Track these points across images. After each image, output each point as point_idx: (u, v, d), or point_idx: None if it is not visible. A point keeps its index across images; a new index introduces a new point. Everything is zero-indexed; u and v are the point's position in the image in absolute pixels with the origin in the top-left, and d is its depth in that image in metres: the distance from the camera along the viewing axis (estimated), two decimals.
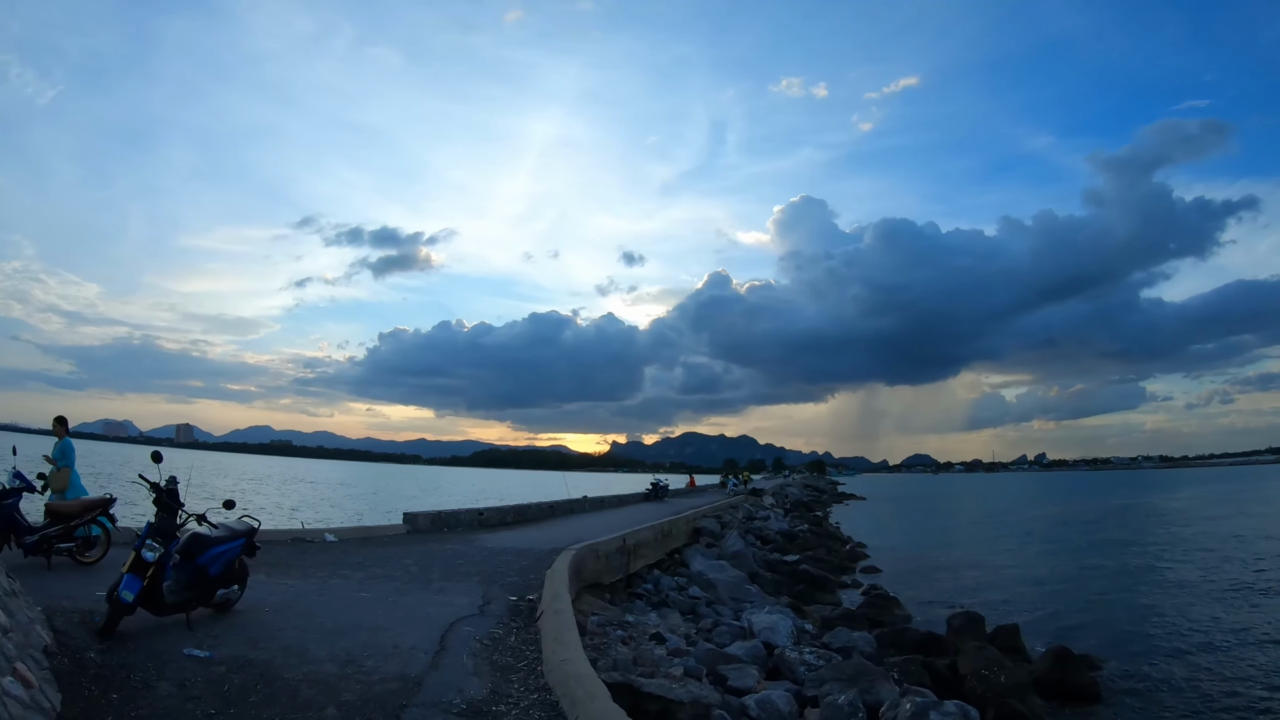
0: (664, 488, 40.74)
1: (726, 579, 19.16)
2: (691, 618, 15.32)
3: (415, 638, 7.32)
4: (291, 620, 7.65)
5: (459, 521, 18.83)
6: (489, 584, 10.67)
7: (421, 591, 9.81)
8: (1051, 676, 11.97)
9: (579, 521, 23.28)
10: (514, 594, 10.04)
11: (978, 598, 20.78)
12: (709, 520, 28.36)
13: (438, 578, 10.94)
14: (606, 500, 32.67)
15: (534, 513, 23.17)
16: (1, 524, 9.11)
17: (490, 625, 8.16)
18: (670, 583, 17.74)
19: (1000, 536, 39.64)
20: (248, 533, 7.76)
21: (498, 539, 16.65)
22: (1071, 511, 58.04)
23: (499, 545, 15.38)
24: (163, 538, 6.73)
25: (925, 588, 22.85)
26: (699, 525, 25.94)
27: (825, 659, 11.14)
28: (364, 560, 12.21)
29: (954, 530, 45.79)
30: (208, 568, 7.15)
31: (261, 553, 12.01)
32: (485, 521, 19.80)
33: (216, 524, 7.51)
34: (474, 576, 11.25)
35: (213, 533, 7.29)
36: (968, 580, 24.33)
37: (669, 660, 9.29)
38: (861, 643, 13.28)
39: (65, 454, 10.19)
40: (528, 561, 13.10)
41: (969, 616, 14.91)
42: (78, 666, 5.65)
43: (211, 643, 6.65)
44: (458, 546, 14.86)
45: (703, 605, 16.48)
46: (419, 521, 17.47)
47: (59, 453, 10.18)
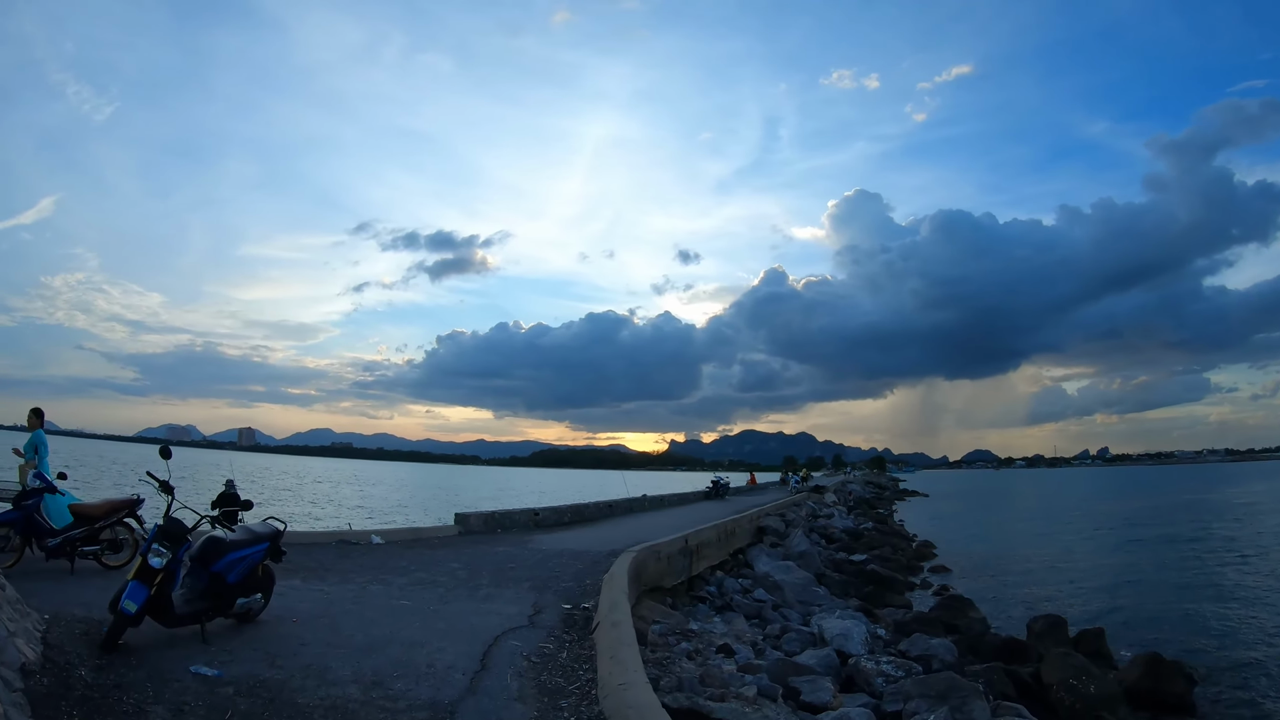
0: (725, 485, 39.64)
1: (793, 581, 18.15)
2: (757, 622, 14.41)
3: (454, 654, 6.41)
4: (319, 633, 6.83)
5: (513, 522, 18.05)
6: (541, 590, 9.76)
7: (466, 599, 8.93)
8: (1143, 686, 10.97)
9: (638, 521, 22.37)
10: (568, 601, 9.12)
11: (1052, 599, 19.88)
12: (773, 519, 27.33)
13: (486, 583, 10.07)
14: (666, 499, 31.70)
15: (592, 512, 22.31)
16: (22, 526, 8.55)
17: (540, 639, 7.23)
18: (734, 585, 16.78)
19: (1068, 534, 38.24)
20: (272, 536, 6.97)
21: (553, 540, 15.81)
22: (1139, 507, 56.07)
23: (554, 547, 14.51)
24: (172, 542, 5.96)
25: (997, 588, 21.89)
26: (763, 524, 24.94)
27: (904, 669, 10.30)
28: (409, 564, 11.43)
29: (1020, 527, 44.26)
30: (225, 575, 6.36)
31: (303, 556, 11.40)
32: (541, 522, 19.00)
33: (234, 527, 6.73)
34: (525, 582, 10.35)
35: (230, 536, 6.50)
36: (1040, 580, 23.31)
37: (739, 678, 8.26)
38: (942, 651, 12.22)
39: (37, 447, 9.57)
40: (584, 565, 12.18)
41: (1051, 620, 13.92)
42: (62, 687, 4.87)
43: (225, 659, 5.85)
44: (510, 549, 14.02)
45: (769, 609, 15.56)
46: (471, 522, 16.72)
47: (29, 446, 9.58)
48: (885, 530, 37.94)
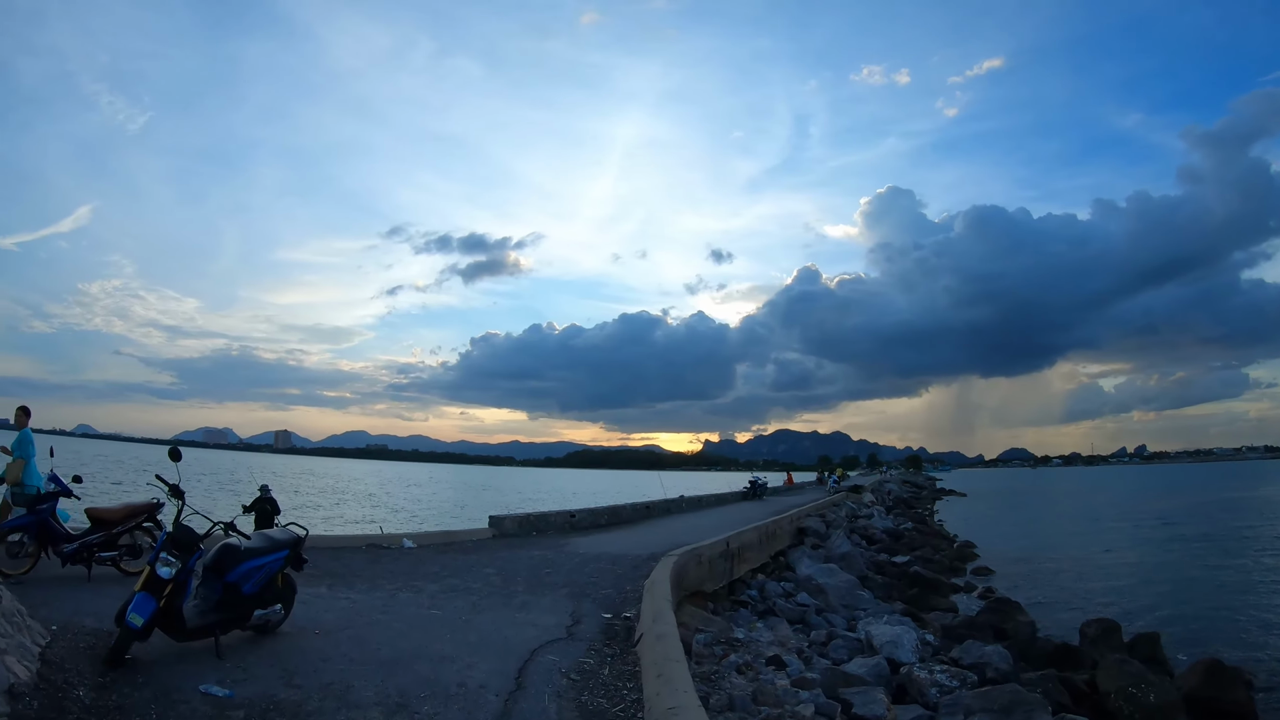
0: (762, 486, 38.99)
1: (837, 584, 17.49)
2: (801, 628, 13.83)
3: (487, 671, 5.85)
4: (342, 646, 6.31)
5: (548, 524, 17.54)
6: (579, 598, 9.18)
7: (501, 608, 8.38)
8: (1203, 694, 10.31)
9: (676, 522, 21.78)
10: (608, 610, 8.54)
11: (1099, 601, 19.31)
12: (813, 519, 26.68)
13: (521, 590, 9.51)
14: (704, 499, 31.08)
15: (629, 514, 21.75)
16: (37, 531, 8.18)
17: (579, 652, 6.64)
18: (776, 588, 16.16)
19: (1110, 534, 37.42)
20: (292, 543, 6.48)
21: (590, 543, 15.27)
22: (1179, 506, 54.86)
23: (591, 550, 13.95)
24: (181, 550, 5.49)
25: (1042, 590, 21.19)
26: (803, 525, 24.32)
27: (958, 679, 9.58)
28: (441, 569, 10.94)
29: (1061, 527, 43.22)
30: (240, 585, 5.88)
31: (331, 561, 10.97)
32: (577, 524, 18.47)
33: (249, 534, 6.23)
34: (562, 588, 9.79)
35: (246, 544, 6.01)
36: (1085, 581, 22.66)
37: (794, 694, 7.65)
38: (996, 659, 11.49)
39: (22, 445, 9.13)
40: (623, 569, 11.61)
41: (1104, 625, 13.34)
42: (55, 709, 4.40)
43: (239, 677, 5.35)
44: (546, 552, 13.49)
45: (812, 613, 14.98)
46: (505, 525, 16.23)
47: (16, 444, 9.16)
48: (925, 531, 37.25)
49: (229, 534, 6.00)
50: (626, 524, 20.48)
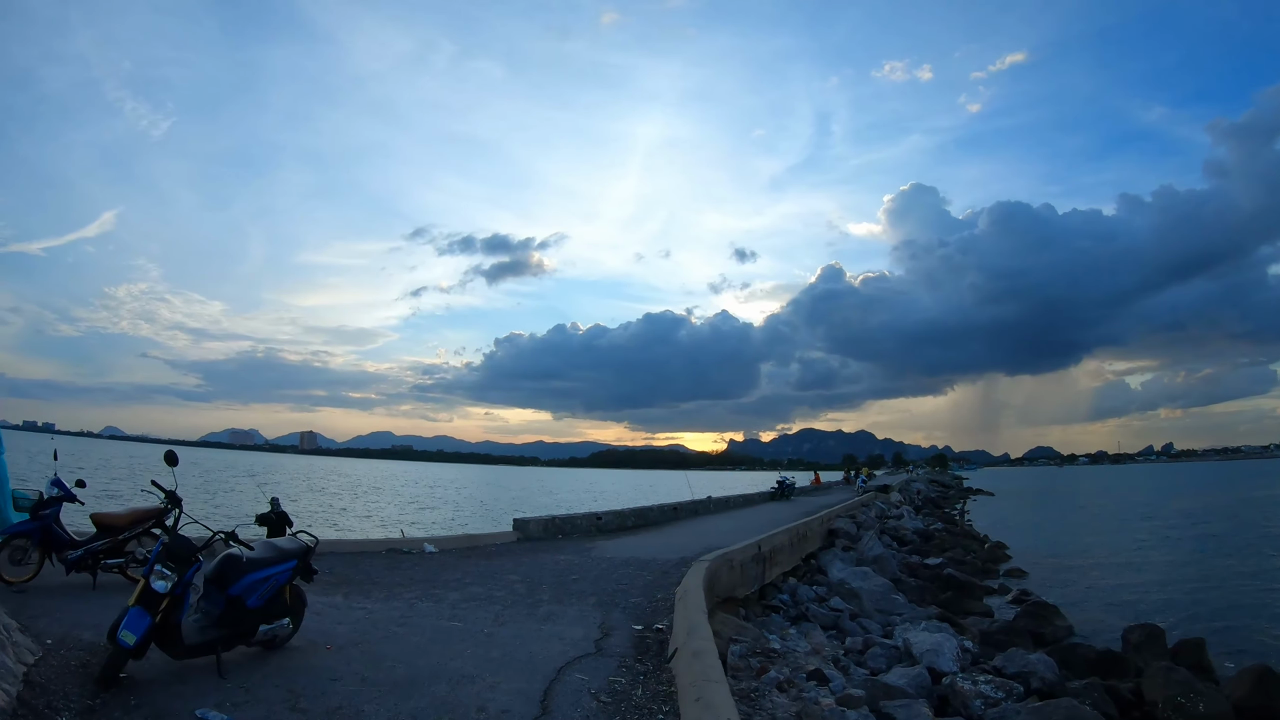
0: (790, 486, 38.21)
1: (871, 588, 16.91)
2: (835, 634, 13.28)
3: (509, 692, 5.34)
4: (355, 663, 5.84)
5: (574, 527, 17.05)
6: (608, 607, 8.67)
7: (525, 619, 7.89)
8: (1254, 702, 9.60)
9: (705, 524, 21.22)
10: (639, 621, 8.03)
11: (1137, 604, 18.64)
12: (843, 520, 26.05)
13: (547, 599, 9.01)
14: (732, 500, 30.46)
15: (656, 515, 21.22)
16: (39, 538, 7.80)
17: (610, 670, 6.12)
18: (808, 593, 15.59)
19: (1142, 533, 36.30)
20: (300, 553, 6.04)
21: (617, 546, 14.77)
22: (1210, 505, 53.23)
23: (619, 555, 13.45)
24: (178, 562, 5.04)
25: (1078, 593, 20.51)
26: (834, 526, 23.65)
27: (1004, 690, 9.11)
28: (463, 576, 10.47)
29: (1092, 527, 42.07)
30: (244, 598, 5.44)
31: (348, 567, 10.55)
32: (603, 527, 17.97)
33: (252, 544, 5.77)
34: (590, 596, 9.28)
35: (250, 555, 5.56)
36: (1120, 583, 21.94)
37: (839, 713, 7.09)
38: (1041, 667, 10.79)
39: None
40: (652, 575, 11.09)
41: (1148, 630, 12.66)
42: None
43: (240, 698, 4.90)
44: (572, 557, 12.99)
45: (846, 619, 14.43)
46: (530, 528, 15.77)
47: None
48: (955, 531, 36.39)
49: (230, 544, 5.55)
50: (654, 526, 19.95)
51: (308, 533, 6.38)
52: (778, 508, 30.39)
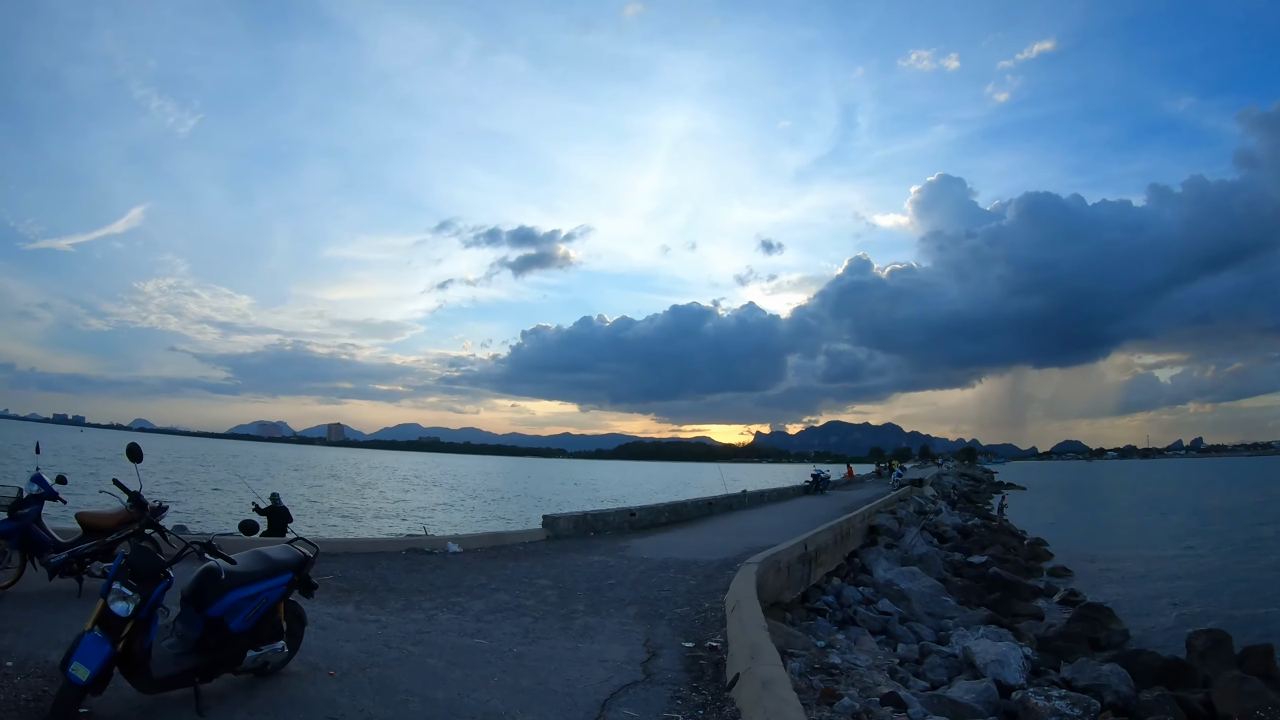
0: (825, 480, 37.20)
1: (920, 589, 15.95)
2: (885, 639, 12.35)
3: None
4: (361, 695, 4.87)
5: (606, 524, 16.09)
6: (651, 620, 7.69)
7: (559, 634, 6.92)
8: None
9: (741, 520, 20.23)
10: (688, 636, 7.06)
11: (1190, 605, 17.78)
12: (884, 516, 24.96)
13: (582, 609, 8.04)
14: (767, 494, 29.39)
15: (690, 511, 20.23)
16: (19, 540, 6.95)
17: (662, 703, 5.11)
18: (854, 594, 14.61)
19: (1183, 529, 35.17)
20: (296, 565, 5.08)
21: (653, 545, 13.80)
22: (1248, 502, 51.61)
23: (656, 555, 12.47)
24: (141, 580, 4.13)
25: (1127, 593, 19.53)
26: (874, 523, 22.54)
27: (1080, 705, 8.23)
28: (489, 580, 9.50)
29: (1130, 522, 41.05)
30: (226, 620, 4.51)
31: (364, 570, 9.55)
32: (636, 523, 16.99)
33: (237, 555, 4.81)
34: (629, 606, 8.30)
35: (234, 568, 4.63)
36: (1171, 583, 20.97)
37: None
38: (1115, 679, 9.91)
39: None
40: (696, 580, 10.11)
41: (1214, 637, 11.79)
42: None
43: None
44: (606, 558, 12.03)
45: (896, 623, 13.48)
46: (560, 525, 14.82)
47: None
48: (993, 527, 35.35)
49: (207, 555, 4.60)
50: (689, 522, 18.97)
51: (306, 540, 5.37)
52: (814, 502, 29.44)
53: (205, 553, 4.51)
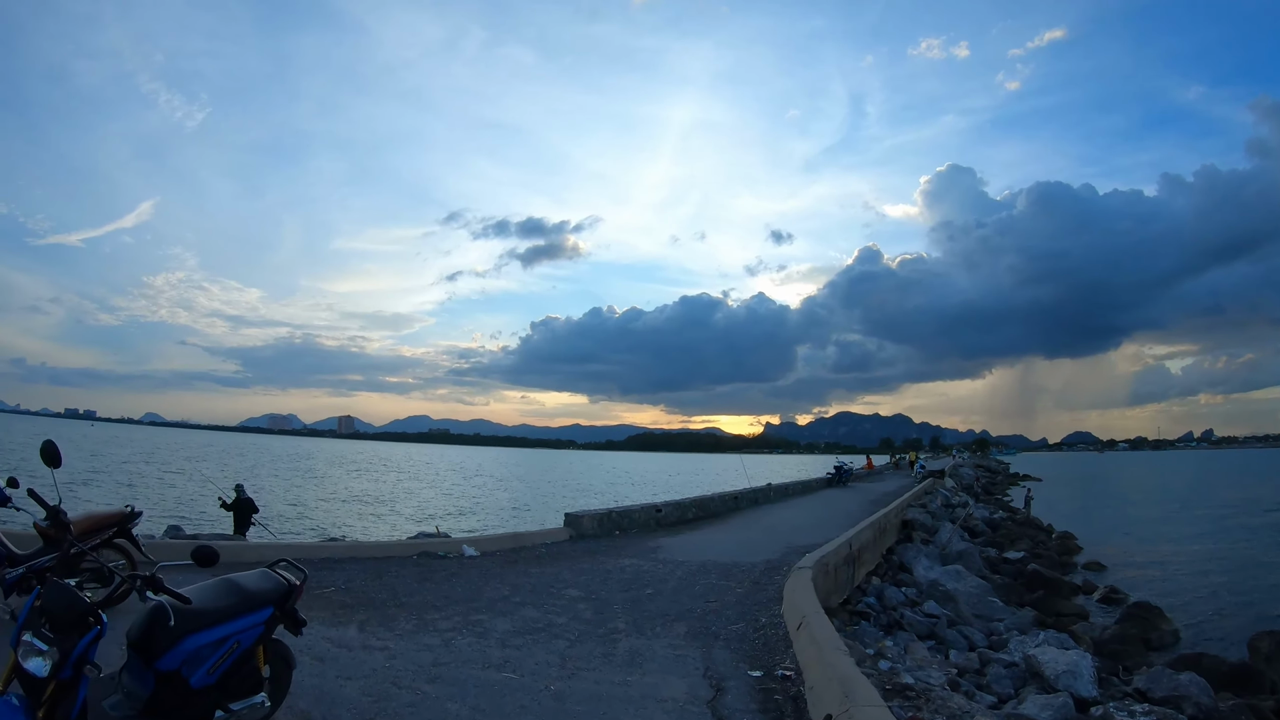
0: (848, 472, 36.26)
1: (967, 590, 14.98)
2: (935, 645, 11.27)
3: None
4: None
5: (632, 521, 14.92)
6: (706, 640, 6.54)
7: (602, 663, 5.77)
8: None
9: (770, 515, 19.12)
10: (753, 662, 5.95)
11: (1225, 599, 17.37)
12: (916, 510, 23.95)
13: (623, 627, 6.88)
14: (791, 487, 28.27)
15: (717, 506, 19.10)
16: None
17: None
18: (897, 595, 13.57)
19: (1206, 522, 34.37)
20: (279, 596, 3.86)
21: (685, 546, 12.68)
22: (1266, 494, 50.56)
23: (692, 557, 11.33)
24: (60, 628, 2.99)
25: (1166, 588, 18.81)
26: (907, 517, 21.47)
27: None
28: (512, 591, 8.33)
29: (1152, 514, 40.18)
30: (184, 673, 3.38)
31: (370, 580, 8.34)
32: (663, 520, 15.84)
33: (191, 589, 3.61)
34: (676, 622, 7.16)
35: (190, 607, 3.39)
36: (1209, 578, 20.21)
37: None
38: (1194, 689, 9.08)
39: None
40: (743, 587, 8.99)
41: (1277, 639, 11.20)
42: None
43: None
44: (637, 561, 10.87)
45: (944, 626, 12.42)
46: (584, 524, 13.63)
47: None
48: (1019, 520, 34.19)
49: (150, 591, 3.39)
50: (716, 518, 17.85)
51: (291, 564, 4.16)
52: (839, 495, 28.41)
53: (147, 589, 3.34)
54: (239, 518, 14.04)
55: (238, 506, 14.05)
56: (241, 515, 14.05)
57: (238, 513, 14.05)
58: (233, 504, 14.04)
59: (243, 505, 14.10)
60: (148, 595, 3.25)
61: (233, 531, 13.95)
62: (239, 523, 14.07)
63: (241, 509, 14.05)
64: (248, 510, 14.14)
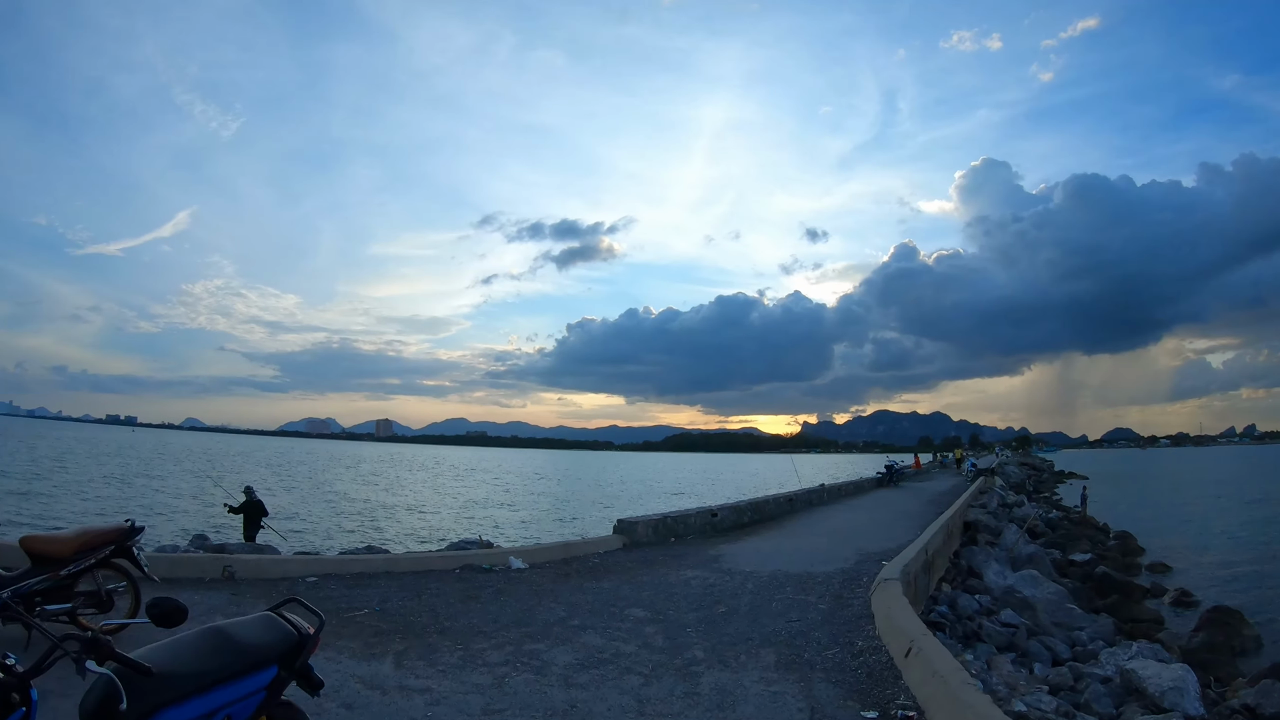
0: (900, 471, 35.08)
1: (1044, 597, 13.89)
2: (1018, 658, 10.04)
3: None
4: None
5: (687, 527, 13.88)
6: (802, 670, 5.50)
7: (686, 706, 4.73)
8: None
9: (828, 519, 17.99)
10: (864, 700, 4.92)
11: None
12: (977, 511, 22.65)
13: (703, 657, 5.84)
14: (844, 488, 27.05)
15: (773, 509, 18.00)
16: None
17: None
18: (970, 604, 12.34)
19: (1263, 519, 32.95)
20: (286, 651, 2.85)
21: (749, 554, 11.62)
22: None
23: (759, 566, 10.26)
24: None
25: (1239, 588, 17.87)
26: (969, 518, 20.30)
27: None
28: (569, 611, 7.33)
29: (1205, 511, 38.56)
30: None
31: (408, 598, 7.43)
32: (719, 525, 14.79)
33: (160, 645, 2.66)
34: (762, 647, 6.11)
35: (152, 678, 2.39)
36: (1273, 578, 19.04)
37: None
38: None
39: None
40: (825, 602, 7.94)
41: None
42: None
43: None
44: (702, 572, 9.82)
45: (1023, 636, 11.27)
46: (638, 531, 12.63)
47: None
48: (1074, 519, 33.03)
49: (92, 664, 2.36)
50: (773, 521, 16.76)
51: (304, 605, 3.17)
52: (894, 496, 27.20)
53: (86, 655, 2.38)
54: (248, 521, 13.48)
55: (247, 509, 13.49)
56: (251, 519, 13.49)
57: (247, 516, 13.48)
58: (241, 507, 13.49)
59: (252, 508, 13.54)
60: (88, 666, 2.31)
61: (243, 537, 13.34)
62: (248, 527, 13.50)
63: (250, 512, 13.49)
64: (257, 513, 13.58)
